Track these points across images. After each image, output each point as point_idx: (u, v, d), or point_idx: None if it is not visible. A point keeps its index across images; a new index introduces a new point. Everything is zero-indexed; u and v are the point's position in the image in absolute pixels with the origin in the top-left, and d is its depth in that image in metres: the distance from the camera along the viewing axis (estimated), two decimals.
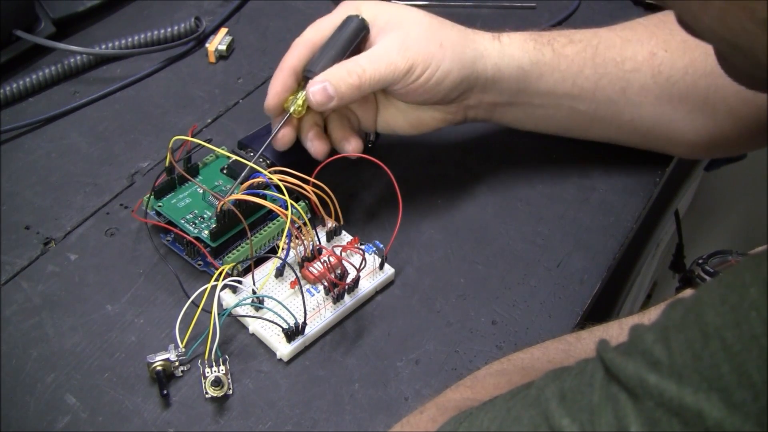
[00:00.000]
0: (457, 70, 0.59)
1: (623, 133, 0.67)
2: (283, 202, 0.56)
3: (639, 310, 0.52)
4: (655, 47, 0.63)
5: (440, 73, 0.58)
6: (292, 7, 0.87)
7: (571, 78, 0.63)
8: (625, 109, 0.64)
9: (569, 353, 0.50)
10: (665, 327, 0.33)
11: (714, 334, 0.31)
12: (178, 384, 0.54)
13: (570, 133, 0.68)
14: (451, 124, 0.65)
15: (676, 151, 0.70)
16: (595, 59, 0.63)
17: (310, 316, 0.55)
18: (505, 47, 0.61)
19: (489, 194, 0.68)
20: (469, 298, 0.60)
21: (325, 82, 0.56)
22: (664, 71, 0.63)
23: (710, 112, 0.63)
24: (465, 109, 0.63)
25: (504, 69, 0.61)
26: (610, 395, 0.34)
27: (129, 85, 0.76)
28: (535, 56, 0.62)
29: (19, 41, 0.75)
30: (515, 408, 0.38)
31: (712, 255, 0.59)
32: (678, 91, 0.63)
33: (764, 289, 0.31)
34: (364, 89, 0.57)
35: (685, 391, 0.31)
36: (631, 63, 0.63)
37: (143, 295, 0.59)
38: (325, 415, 0.53)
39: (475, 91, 0.62)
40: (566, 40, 0.63)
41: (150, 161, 0.69)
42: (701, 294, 0.33)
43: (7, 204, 0.65)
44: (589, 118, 0.65)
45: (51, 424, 0.51)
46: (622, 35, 0.64)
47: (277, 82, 0.58)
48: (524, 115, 0.65)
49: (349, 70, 0.56)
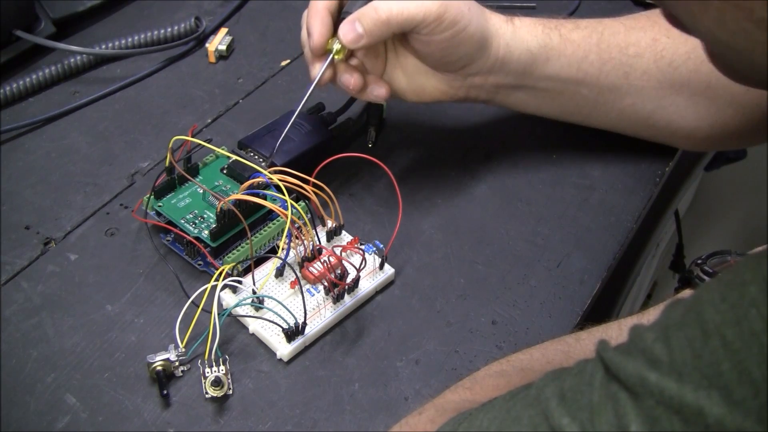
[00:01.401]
0: (477, 38, 0.59)
1: (624, 119, 0.67)
2: (283, 202, 0.56)
3: (639, 310, 0.52)
4: (657, 34, 0.64)
5: (465, 33, 0.58)
6: (292, 7, 0.87)
7: (576, 63, 0.63)
8: (627, 94, 0.65)
9: (568, 354, 0.50)
10: (665, 326, 0.33)
11: (714, 332, 0.31)
12: (178, 384, 0.54)
13: (571, 117, 0.68)
14: (452, 99, 0.64)
15: (677, 141, 0.70)
16: (600, 45, 0.64)
17: (310, 316, 0.55)
18: (516, 30, 0.62)
19: (489, 194, 0.68)
20: (469, 298, 0.60)
21: (355, 21, 0.57)
22: (666, 56, 0.63)
23: (712, 97, 0.64)
24: (468, 87, 0.63)
25: (514, 50, 0.62)
26: (610, 394, 0.34)
27: (129, 85, 0.77)
28: (543, 40, 0.62)
29: (19, 41, 0.75)
30: (515, 408, 0.38)
31: (711, 255, 0.59)
32: (680, 76, 0.63)
33: (764, 287, 0.31)
34: (393, 26, 0.56)
35: (685, 389, 0.31)
36: (634, 48, 0.64)
37: (143, 295, 0.59)
38: (325, 415, 0.53)
39: (482, 70, 0.62)
40: (573, 26, 0.64)
41: (150, 161, 0.69)
42: (701, 293, 0.33)
43: (7, 204, 0.65)
44: (591, 102, 0.66)
45: (51, 424, 0.51)
46: (626, 23, 0.65)
47: (317, 22, 0.58)
48: (527, 97, 0.66)
49: (377, 7, 0.56)
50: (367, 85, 0.61)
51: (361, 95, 0.61)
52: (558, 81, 0.64)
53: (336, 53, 0.58)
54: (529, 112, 0.68)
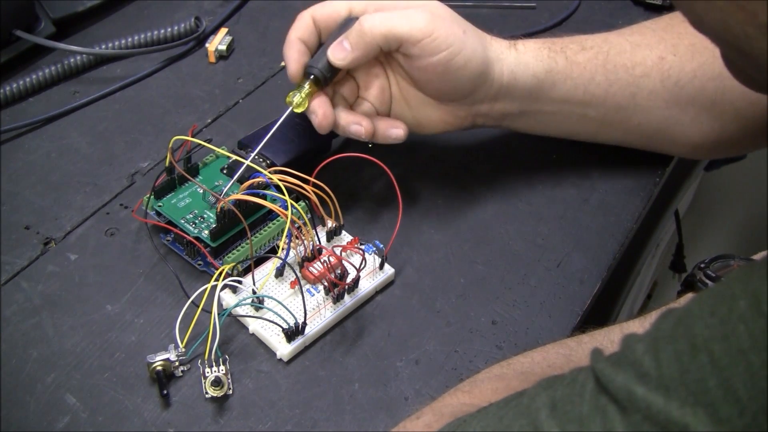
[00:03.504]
0: (476, 63, 0.58)
1: (630, 137, 0.67)
2: (283, 202, 0.56)
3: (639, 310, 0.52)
4: (664, 51, 0.63)
5: (461, 57, 0.57)
6: (292, 7, 0.86)
7: (582, 86, 0.62)
8: (634, 114, 0.64)
9: (570, 358, 0.50)
10: (655, 338, 0.33)
11: (702, 347, 0.31)
12: (178, 384, 0.54)
13: (578, 137, 0.68)
14: (459, 129, 0.64)
15: (679, 152, 0.70)
16: (606, 66, 0.63)
17: (310, 316, 0.55)
18: (520, 55, 0.61)
19: (489, 194, 0.68)
20: (469, 298, 0.60)
21: (343, 41, 0.57)
22: (673, 75, 0.63)
23: (717, 114, 0.63)
24: (474, 116, 0.63)
25: (519, 77, 0.61)
26: (599, 406, 0.34)
27: (129, 85, 0.76)
28: (549, 64, 0.61)
29: (19, 41, 0.75)
30: (507, 417, 0.38)
31: (714, 259, 0.59)
32: (686, 95, 0.63)
33: (753, 302, 0.30)
34: (377, 38, 0.56)
35: (671, 405, 0.31)
36: (641, 68, 0.63)
37: (143, 295, 0.59)
38: (325, 415, 0.53)
39: (487, 98, 0.61)
40: (578, 47, 0.63)
41: (150, 161, 0.69)
42: (692, 305, 0.33)
43: (7, 204, 0.65)
44: (598, 123, 0.65)
45: (51, 424, 0.51)
46: (632, 40, 0.64)
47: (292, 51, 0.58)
48: (534, 122, 0.65)
49: (362, 21, 0.56)
50: (381, 129, 0.61)
51: (377, 139, 0.61)
52: (565, 104, 0.63)
53: (295, 107, 0.58)
54: (536, 134, 0.67)
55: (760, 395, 0.30)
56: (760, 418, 0.30)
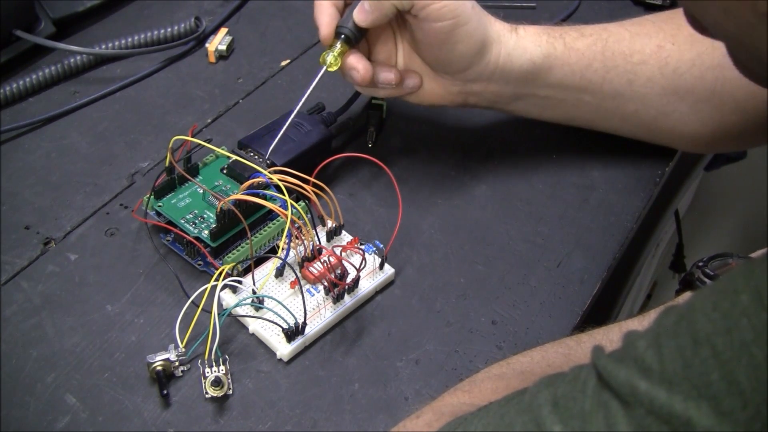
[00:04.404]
0: (477, 39, 0.59)
1: (627, 125, 0.67)
2: (283, 202, 0.56)
3: (639, 309, 0.52)
4: (662, 40, 0.64)
5: (465, 30, 0.58)
6: (292, 7, 0.87)
7: (579, 71, 0.63)
8: (631, 101, 0.64)
9: (569, 357, 0.50)
10: (657, 333, 0.33)
11: (705, 341, 0.31)
12: (178, 384, 0.54)
13: (574, 122, 0.68)
14: (450, 104, 0.65)
15: (678, 144, 0.70)
16: (604, 52, 0.63)
17: (310, 316, 0.55)
18: (520, 39, 0.62)
19: (489, 194, 0.68)
20: (469, 298, 0.60)
21: (363, 3, 0.58)
22: (671, 63, 0.63)
23: (716, 104, 0.63)
24: (467, 93, 0.63)
25: (515, 61, 0.62)
26: (602, 402, 0.34)
27: (129, 85, 0.76)
28: (547, 50, 0.62)
29: (19, 41, 0.75)
30: (508, 414, 0.38)
31: (713, 258, 0.59)
32: (685, 83, 0.63)
33: (755, 296, 0.31)
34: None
35: (675, 399, 0.31)
36: (639, 55, 0.63)
37: (143, 295, 0.59)
38: (325, 415, 0.53)
39: (482, 78, 0.62)
40: (577, 34, 0.64)
41: (150, 161, 0.69)
42: (694, 300, 0.33)
43: (7, 204, 0.65)
44: (594, 108, 0.65)
45: (51, 424, 0.51)
46: (631, 29, 0.65)
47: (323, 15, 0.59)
48: (528, 105, 0.66)
49: None
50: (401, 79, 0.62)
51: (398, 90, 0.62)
52: (560, 89, 0.64)
53: (329, 66, 0.59)
54: (531, 118, 0.68)
55: (762, 388, 0.30)
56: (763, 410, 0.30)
